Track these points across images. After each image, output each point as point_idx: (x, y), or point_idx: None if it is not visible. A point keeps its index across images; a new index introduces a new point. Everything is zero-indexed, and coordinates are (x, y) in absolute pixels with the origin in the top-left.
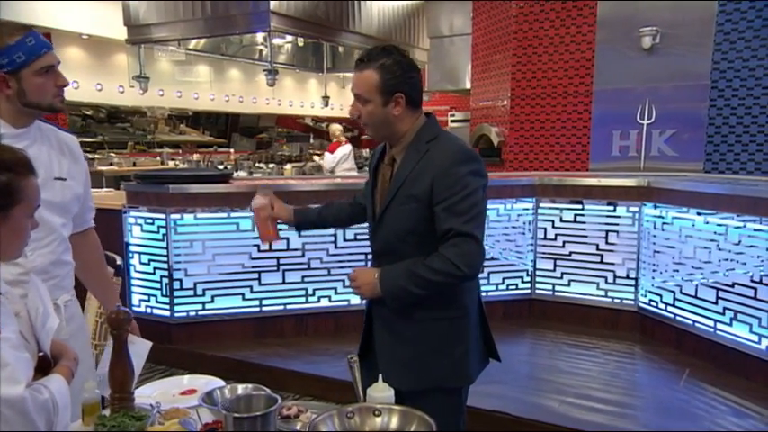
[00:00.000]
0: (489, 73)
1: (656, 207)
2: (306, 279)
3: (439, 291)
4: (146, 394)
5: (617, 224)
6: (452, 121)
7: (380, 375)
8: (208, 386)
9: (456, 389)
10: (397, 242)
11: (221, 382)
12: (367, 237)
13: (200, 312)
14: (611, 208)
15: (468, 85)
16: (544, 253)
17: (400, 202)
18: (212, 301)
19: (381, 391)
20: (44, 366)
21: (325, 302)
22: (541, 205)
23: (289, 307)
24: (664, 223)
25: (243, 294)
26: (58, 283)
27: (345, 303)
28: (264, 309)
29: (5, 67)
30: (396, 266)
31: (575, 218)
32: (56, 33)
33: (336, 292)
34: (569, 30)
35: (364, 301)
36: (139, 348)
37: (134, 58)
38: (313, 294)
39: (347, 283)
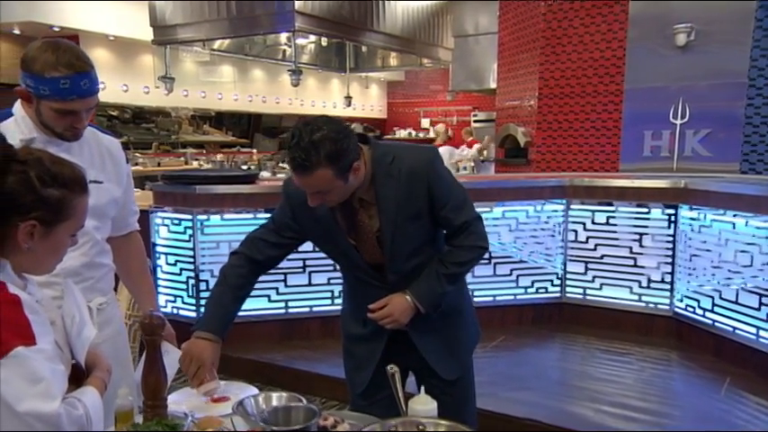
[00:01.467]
0: (516, 72)
1: (691, 209)
2: (332, 281)
3: None
4: (177, 401)
5: (651, 226)
6: (475, 121)
7: (422, 387)
8: (240, 394)
9: None
10: (411, 261)
11: (254, 390)
12: None
13: None
14: (646, 210)
15: (492, 85)
16: (575, 256)
17: (405, 227)
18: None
19: (424, 404)
20: (77, 376)
21: None
22: (572, 207)
23: (315, 309)
24: (701, 226)
25: (269, 296)
26: (91, 286)
27: None
28: (290, 311)
29: (30, 88)
30: (423, 280)
31: (607, 220)
32: (84, 35)
33: None
34: (600, 27)
35: None
36: (172, 357)
37: (159, 59)
38: (339, 296)
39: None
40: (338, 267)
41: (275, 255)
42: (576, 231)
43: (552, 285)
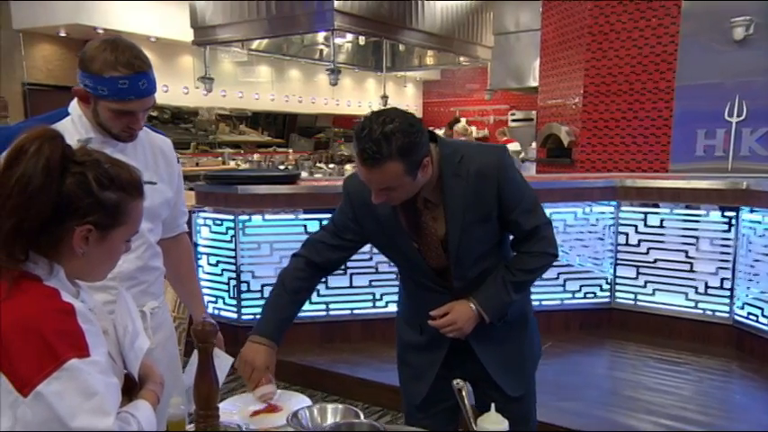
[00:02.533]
0: (560, 70)
1: (753, 211)
2: (373, 283)
3: None
4: (227, 410)
5: (709, 229)
6: (513, 121)
7: (493, 405)
8: (293, 404)
9: None
10: (478, 268)
11: (307, 400)
12: None
13: None
14: (703, 212)
15: (533, 83)
16: (625, 260)
17: (472, 230)
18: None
19: (495, 423)
20: (129, 386)
21: (393, 308)
22: (623, 209)
23: (356, 312)
24: (765, 229)
25: (310, 298)
26: (145, 290)
27: None
28: (331, 313)
29: (88, 88)
30: (488, 288)
31: (660, 222)
32: (126, 36)
33: None
34: (650, 23)
35: None
36: (221, 364)
37: (199, 60)
38: (381, 299)
39: None
40: (393, 270)
41: (335, 258)
42: (626, 234)
43: (601, 290)
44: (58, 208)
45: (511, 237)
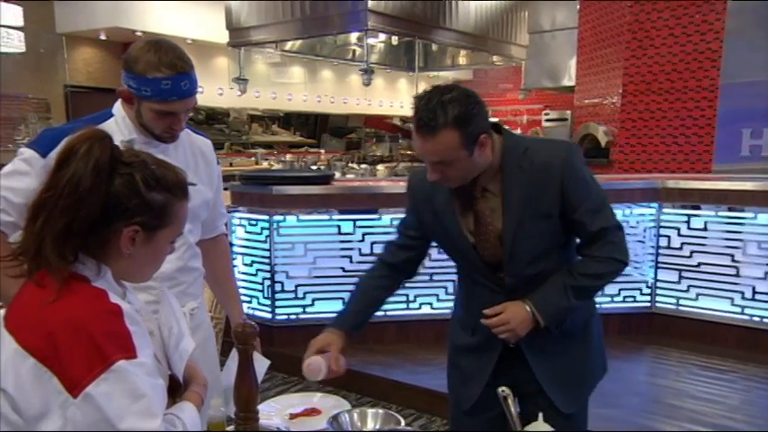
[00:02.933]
0: (597, 68)
1: None
2: (407, 285)
3: None
4: (266, 412)
5: (757, 233)
6: (547, 121)
7: (540, 414)
8: (333, 407)
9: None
10: (536, 268)
11: (347, 404)
12: None
13: (300, 316)
14: (750, 215)
15: (569, 82)
16: (667, 263)
17: (529, 226)
18: (313, 305)
19: None
20: (173, 387)
21: (426, 309)
22: (665, 211)
23: (389, 313)
24: None
25: (344, 299)
26: (184, 290)
27: (448, 311)
28: None
29: (132, 89)
30: (546, 290)
31: (705, 225)
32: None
33: (438, 299)
34: (693, 19)
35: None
36: (258, 365)
37: (234, 61)
38: (414, 301)
39: (450, 289)
40: (427, 271)
41: (405, 257)
42: (668, 237)
43: (641, 294)
44: (107, 208)
45: (577, 240)
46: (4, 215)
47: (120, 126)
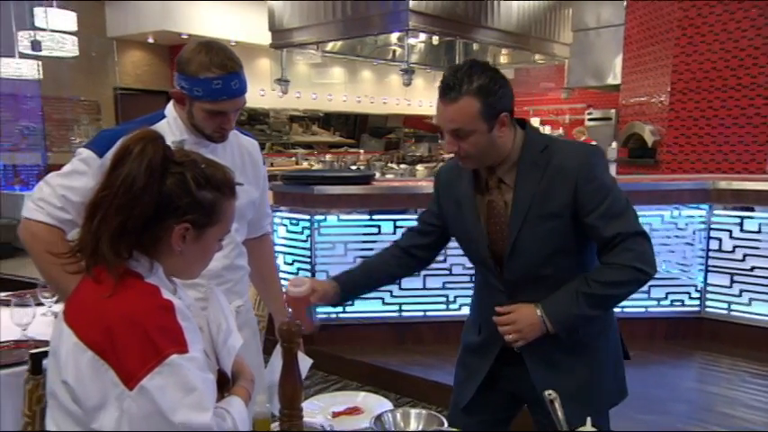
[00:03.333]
0: (644, 66)
1: None
2: (447, 285)
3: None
4: (309, 410)
5: None
6: (590, 120)
7: (589, 419)
8: (375, 407)
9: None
10: (537, 268)
11: (388, 404)
12: None
13: (340, 315)
14: None
15: (613, 81)
16: (717, 266)
17: (535, 224)
18: (353, 304)
19: None
20: (221, 382)
21: (466, 311)
22: (716, 212)
23: (429, 314)
24: None
25: (383, 299)
26: (231, 288)
27: None
28: (404, 314)
29: (184, 90)
30: (559, 296)
31: (759, 228)
32: None
33: None
34: (748, 13)
35: None
36: (302, 364)
37: (276, 62)
38: (454, 302)
39: None
40: (467, 272)
41: (417, 243)
42: (719, 240)
43: (690, 298)
44: (160, 207)
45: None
46: (63, 213)
47: (171, 127)
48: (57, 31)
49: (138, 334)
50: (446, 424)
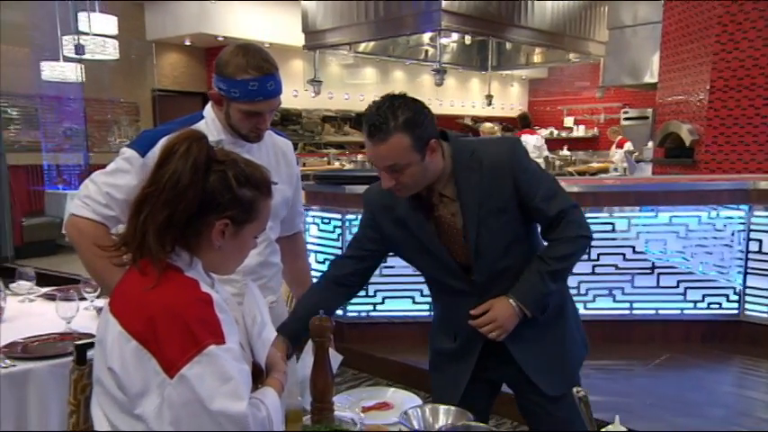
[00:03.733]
0: (683, 64)
1: None
2: None
3: None
4: (340, 404)
5: None
6: (625, 119)
7: (617, 416)
8: (404, 403)
9: None
10: (500, 261)
11: (418, 400)
12: None
13: (371, 313)
14: None
15: (650, 79)
16: (758, 269)
17: (489, 223)
18: (383, 303)
19: None
20: (255, 374)
21: None
22: (756, 213)
23: None
24: None
25: (413, 298)
26: (264, 284)
27: None
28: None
29: (222, 91)
30: (525, 281)
31: None
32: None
33: None
34: None
35: None
36: (332, 360)
37: (309, 63)
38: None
39: None
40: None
41: (352, 270)
42: (759, 241)
43: (728, 301)
44: (203, 203)
45: (540, 229)
46: (107, 210)
47: (210, 127)
48: (99, 35)
49: (179, 325)
50: (471, 417)
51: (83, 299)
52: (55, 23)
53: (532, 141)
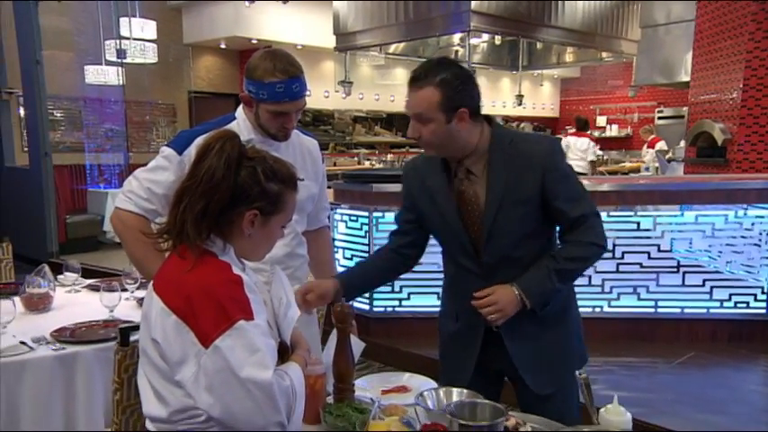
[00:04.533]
0: (715, 62)
1: None
2: None
3: None
4: (361, 386)
5: None
6: (660, 118)
7: (615, 396)
8: (421, 386)
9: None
10: (512, 251)
11: (434, 384)
12: None
13: (396, 309)
14: None
15: (684, 78)
16: None
17: (508, 210)
18: (408, 299)
19: (618, 415)
20: (281, 351)
21: None
22: None
23: None
24: None
25: (437, 294)
26: (291, 274)
27: None
28: None
29: (251, 93)
30: (532, 274)
31: None
32: (276, 45)
33: None
34: None
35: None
36: (355, 346)
37: (339, 65)
38: None
39: None
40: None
41: (402, 242)
42: None
43: (756, 300)
44: (234, 194)
45: (558, 231)
46: (148, 204)
47: (241, 127)
48: (139, 40)
49: (213, 302)
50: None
51: (124, 290)
52: (98, 29)
53: (578, 144)
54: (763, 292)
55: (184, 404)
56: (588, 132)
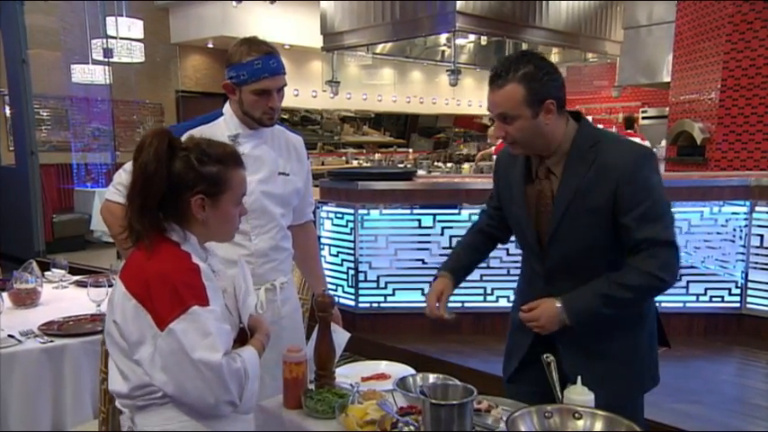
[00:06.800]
0: (695, 63)
1: None
2: (485, 278)
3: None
4: (343, 374)
5: None
6: (644, 118)
7: (579, 377)
8: (400, 373)
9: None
10: (574, 259)
11: (413, 371)
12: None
13: (382, 304)
14: None
15: (666, 78)
16: (759, 263)
17: (574, 217)
18: (393, 295)
19: (580, 394)
20: (242, 338)
21: (503, 302)
22: (757, 209)
23: (467, 305)
24: None
25: (423, 290)
26: (276, 267)
27: None
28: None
29: (233, 79)
30: (580, 291)
31: None
32: None
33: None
34: None
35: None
36: (339, 338)
37: (327, 65)
38: (492, 294)
39: None
40: (504, 266)
41: (490, 223)
42: (761, 236)
43: (730, 294)
44: (172, 184)
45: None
46: None
47: (228, 123)
48: (126, 39)
49: (169, 288)
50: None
51: (111, 285)
52: (85, 28)
53: None
54: (737, 287)
55: (143, 381)
56: (633, 131)
